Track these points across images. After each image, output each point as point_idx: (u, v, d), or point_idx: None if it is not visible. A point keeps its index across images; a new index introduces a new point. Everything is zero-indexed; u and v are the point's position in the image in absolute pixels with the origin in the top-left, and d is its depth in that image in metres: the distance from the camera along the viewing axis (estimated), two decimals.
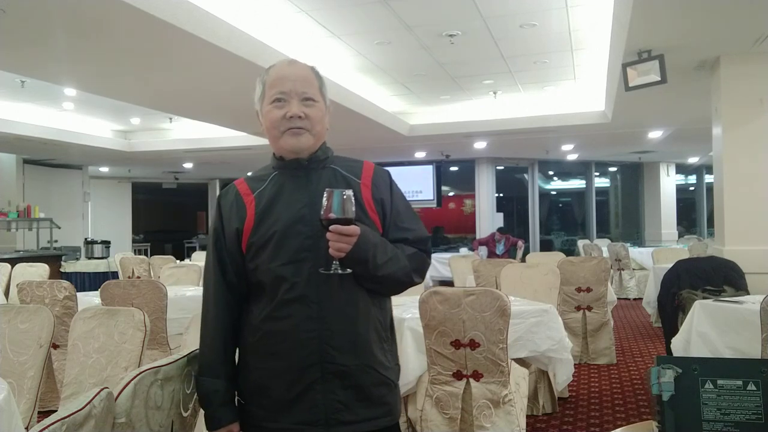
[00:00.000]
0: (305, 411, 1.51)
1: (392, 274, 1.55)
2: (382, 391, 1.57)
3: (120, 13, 4.06)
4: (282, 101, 1.58)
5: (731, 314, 3.44)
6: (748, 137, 5.03)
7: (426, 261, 1.66)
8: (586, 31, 5.79)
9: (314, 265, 1.51)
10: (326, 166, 1.63)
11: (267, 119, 1.61)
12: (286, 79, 1.59)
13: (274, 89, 1.59)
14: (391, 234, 1.61)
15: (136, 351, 2.47)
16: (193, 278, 5.72)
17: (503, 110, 8.92)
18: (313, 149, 1.61)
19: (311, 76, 1.63)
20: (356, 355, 1.53)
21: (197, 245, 16.91)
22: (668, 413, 1.35)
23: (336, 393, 1.51)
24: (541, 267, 4.83)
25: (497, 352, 3.03)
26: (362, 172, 1.64)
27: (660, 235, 14.16)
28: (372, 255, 1.50)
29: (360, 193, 1.59)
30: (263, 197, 1.60)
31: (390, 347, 1.64)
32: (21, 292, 4.25)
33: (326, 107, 1.65)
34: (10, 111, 8.57)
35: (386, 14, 5.19)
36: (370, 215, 1.59)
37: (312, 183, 1.58)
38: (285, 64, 1.64)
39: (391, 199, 1.64)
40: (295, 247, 1.53)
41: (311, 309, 1.52)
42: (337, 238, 1.45)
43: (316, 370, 1.51)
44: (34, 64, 5.48)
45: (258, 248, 1.56)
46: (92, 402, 1.22)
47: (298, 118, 1.56)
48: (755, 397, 1.33)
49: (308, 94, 1.59)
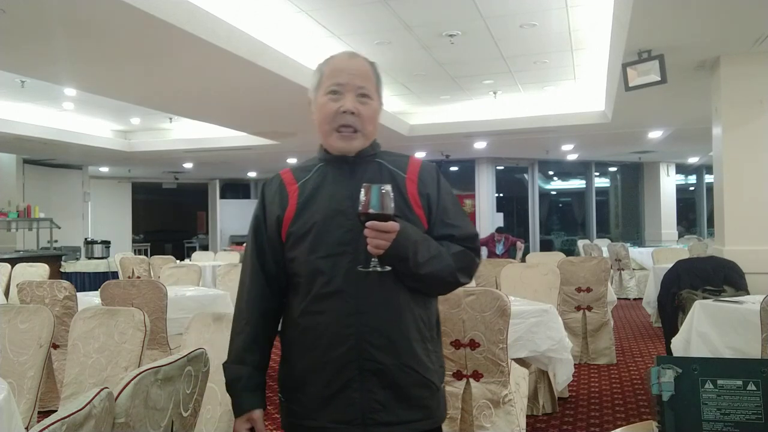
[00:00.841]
0: (342, 409, 1.47)
1: (435, 272, 1.49)
2: (422, 393, 1.51)
3: (120, 13, 4.06)
4: (337, 94, 1.55)
5: (731, 314, 3.44)
6: (748, 137, 5.03)
7: (474, 260, 1.59)
8: (586, 31, 5.80)
9: (353, 260, 1.47)
10: (372, 160, 1.59)
11: (320, 112, 1.58)
12: (345, 72, 1.57)
13: (331, 80, 1.56)
14: (436, 230, 1.55)
15: (136, 351, 2.46)
16: (193, 278, 5.72)
17: (503, 110, 8.92)
18: (362, 148, 1.58)
19: (370, 73, 1.60)
20: (395, 354, 1.48)
21: (197, 245, 16.93)
22: (668, 413, 1.35)
23: (374, 392, 1.47)
24: (541, 267, 4.83)
25: (497, 352, 3.03)
26: (408, 167, 1.60)
27: (660, 235, 14.17)
28: (412, 252, 1.44)
29: (405, 187, 1.55)
30: (306, 187, 1.57)
31: (434, 348, 1.57)
32: (21, 292, 4.25)
33: (380, 106, 1.63)
34: (10, 111, 8.57)
35: (386, 14, 5.19)
36: (415, 210, 1.54)
37: (356, 176, 1.53)
38: (346, 56, 1.62)
39: (438, 195, 1.58)
40: (334, 240, 1.49)
41: (348, 304, 1.48)
42: (375, 235, 1.40)
43: (354, 367, 1.47)
44: (34, 64, 5.48)
45: (297, 238, 1.53)
46: (92, 402, 1.22)
47: (351, 114, 1.53)
48: (755, 397, 1.33)
49: (365, 90, 1.56)
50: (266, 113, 7.88)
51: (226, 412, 2.10)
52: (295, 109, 7.46)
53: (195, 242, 17.56)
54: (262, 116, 8.10)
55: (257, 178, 17.69)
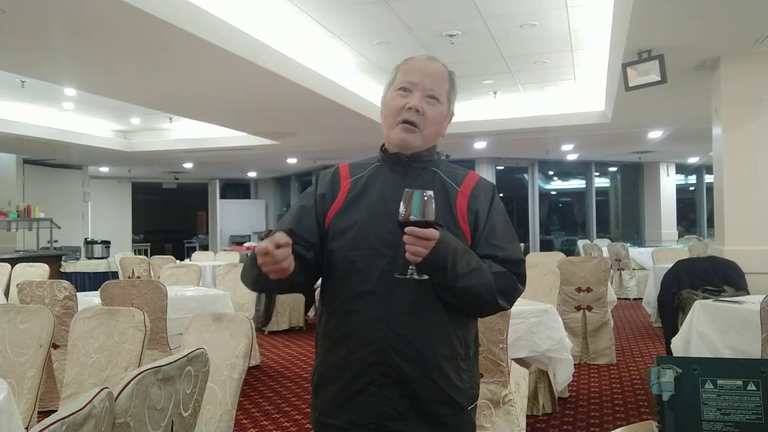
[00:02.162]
0: (359, 412, 1.46)
1: (473, 287, 1.44)
2: (443, 411, 1.47)
3: (120, 13, 4.06)
4: (407, 91, 1.56)
5: (731, 314, 3.44)
6: (748, 137, 5.03)
7: (516, 285, 1.53)
8: (586, 31, 5.79)
9: (390, 264, 1.44)
10: (427, 168, 1.58)
11: (388, 105, 1.58)
12: (418, 72, 1.58)
13: (405, 77, 1.57)
14: (480, 249, 1.51)
15: (136, 351, 2.46)
16: (193, 278, 5.72)
17: (503, 110, 8.92)
18: (420, 149, 1.57)
19: (444, 78, 1.60)
20: (420, 365, 1.44)
21: (197, 245, 16.92)
22: (668, 413, 1.35)
23: (392, 399, 1.44)
24: (541, 267, 4.83)
25: (497, 352, 3.03)
26: (464, 180, 1.57)
27: (660, 235, 14.16)
28: (452, 263, 1.40)
29: (455, 200, 1.53)
30: (358, 184, 1.57)
31: (468, 367, 1.52)
32: (21, 292, 4.25)
33: (449, 113, 1.62)
34: (10, 111, 8.57)
35: (386, 14, 5.19)
36: (461, 225, 1.52)
37: (408, 180, 1.52)
38: (424, 58, 1.63)
39: (489, 213, 1.55)
40: (374, 241, 1.48)
41: (379, 307, 1.45)
42: (413, 241, 1.36)
43: (375, 371, 1.45)
44: (34, 64, 5.48)
45: (338, 232, 1.52)
46: (92, 402, 1.22)
47: (416, 111, 1.53)
48: (755, 397, 1.33)
49: (434, 93, 1.56)
50: (266, 113, 7.88)
51: (226, 412, 2.10)
52: (295, 109, 7.47)
53: (195, 242, 17.56)
54: (262, 116, 8.10)
55: (257, 178, 17.69)
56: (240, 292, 5.60)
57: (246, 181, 18.33)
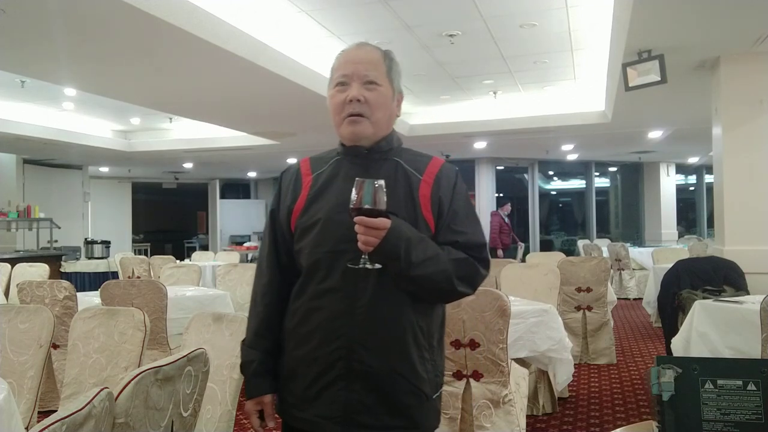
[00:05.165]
0: (326, 405, 1.48)
1: (429, 275, 1.44)
2: (409, 401, 1.49)
3: (120, 13, 4.06)
4: (344, 85, 1.54)
5: (731, 314, 3.44)
6: (748, 137, 5.03)
7: (478, 270, 1.52)
8: (586, 31, 5.79)
9: (354, 260, 1.44)
10: (389, 158, 1.57)
11: (330, 104, 1.57)
12: (350, 62, 1.55)
13: (338, 72, 1.56)
14: (441, 236, 1.51)
15: (136, 351, 2.46)
16: (193, 278, 5.72)
17: (503, 110, 8.92)
18: (375, 138, 1.55)
19: (378, 60, 1.56)
20: (384, 359, 1.46)
21: (197, 245, 16.92)
22: (668, 413, 1.35)
23: (359, 393, 1.46)
24: (541, 267, 4.83)
25: (497, 352, 3.03)
26: (426, 168, 1.56)
27: (660, 235, 14.16)
28: (405, 251, 1.40)
29: (417, 189, 1.53)
30: (319, 180, 1.57)
31: (432, 356, 1.53)
32: (21, 292, 4.24)
33: (394, 93, 1.58)
34: (10, 111, 8.57)
35: (386, 14, 5.18)
36: (424, 213, 1.51)
37: (369, 173, 1.47)
38: (353, 47, 1.60)
39: (452, 199, 1.55)
40: (337, 236, 1.48)
41: (344, 303, 1.47)
42: (364, 231, 1.37)
43: (342, 366, 1.46)
44: (34, 64, 5.48)
45: (303, 230, 1.54)
46: (92, 402, 1.22)
47: (357, 101, 1.51)
48: (755, 397, 1.33)
49: (370, 77, 1.53)
50: (266, 113, 7.88)
51: (226, 412, 2.10)
52: (295, 109, 7.47)
53: (195, 242, 17.56)
54: (262, 116, 8.10)
55: (257, 178, 17.69)
56: (240, 292, 5.60)
57: (246, 181, 18.32)
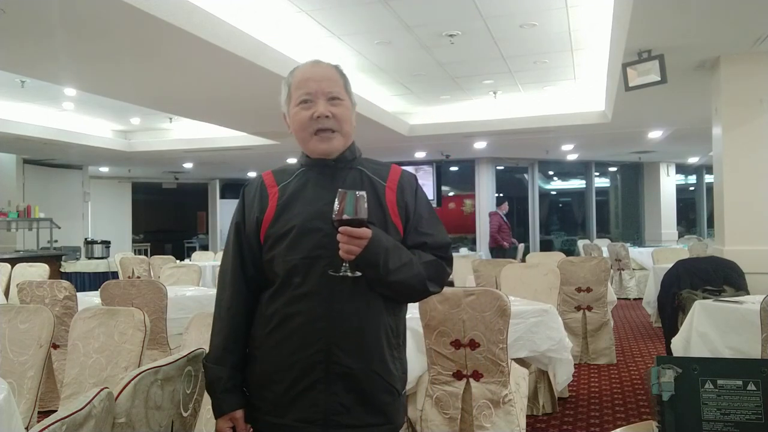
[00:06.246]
0: (306, 409, 1.51)
1: (405, 280, 1.52)
2: (385, 399, 1.55)
3: (120, 13, 4.06)
4: (309, 102, 1.59)
5: (731, 314, 3.44)
6: (748, 137, 5.03)
7: (445, 269, 1.62)
8: (586, 31, 5.80)
9: (329, 264, 1.49)
10: (353, 167, 1.63)
11: (295, 121, 1.61)
12: (311, 80, 1.60)
13: (300, 90, 1.60)
14: (410, 239, 1.59)
15: (136, 351, 2.46)
16: (193, 278, 5.72)
17: (503, 110, 8.92)
18: (342, 150, 1.62)
19: (335, 75, 1.63)
20: (363, 359, 1.52)
21: (197, 245, 16.91)
22: (668, 413, 1.35)
23: (339, 395, 1.50)
24: (541, 267, 4.83)
25: (497, 352, 3.03)
26: (389, 175, 1.64)
27: (660, 235, 14.17)
28: (383, 259, 1.48)
29: (384, 196, 1.59)
30: (287, 191, 1.60)
31: (399, 355, 1.61)
32: (21, 292, 4.24)
33: (352, 105, 1.66)
34: (10, 111, 8.57)
35: (386, 14, 5.19)
36: (393, 219, 1.58)
37: (337, 182, 1.56)
38: (309, 65, 1.65)
39: (415, 204, 1.63)
40: (311, 244, 1.52)
41: (321, 308, 1.51)
42: (347, 240, 1.44)
43: (321, 369, 1.50)
44: (34, 64, 5.48)
45: (275, 240, 1.56)
46: (92, 402, 1.22)
47: (326, 117, 1.57)
48: (755, 397, 1.33)
49: (334, 93, 1.59)
50: (266, 113, 7.86)
51: None
52: None
53: (195, 242, 17.56)
54: (262, 116, 8.09)
55: None
56: None
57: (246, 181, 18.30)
